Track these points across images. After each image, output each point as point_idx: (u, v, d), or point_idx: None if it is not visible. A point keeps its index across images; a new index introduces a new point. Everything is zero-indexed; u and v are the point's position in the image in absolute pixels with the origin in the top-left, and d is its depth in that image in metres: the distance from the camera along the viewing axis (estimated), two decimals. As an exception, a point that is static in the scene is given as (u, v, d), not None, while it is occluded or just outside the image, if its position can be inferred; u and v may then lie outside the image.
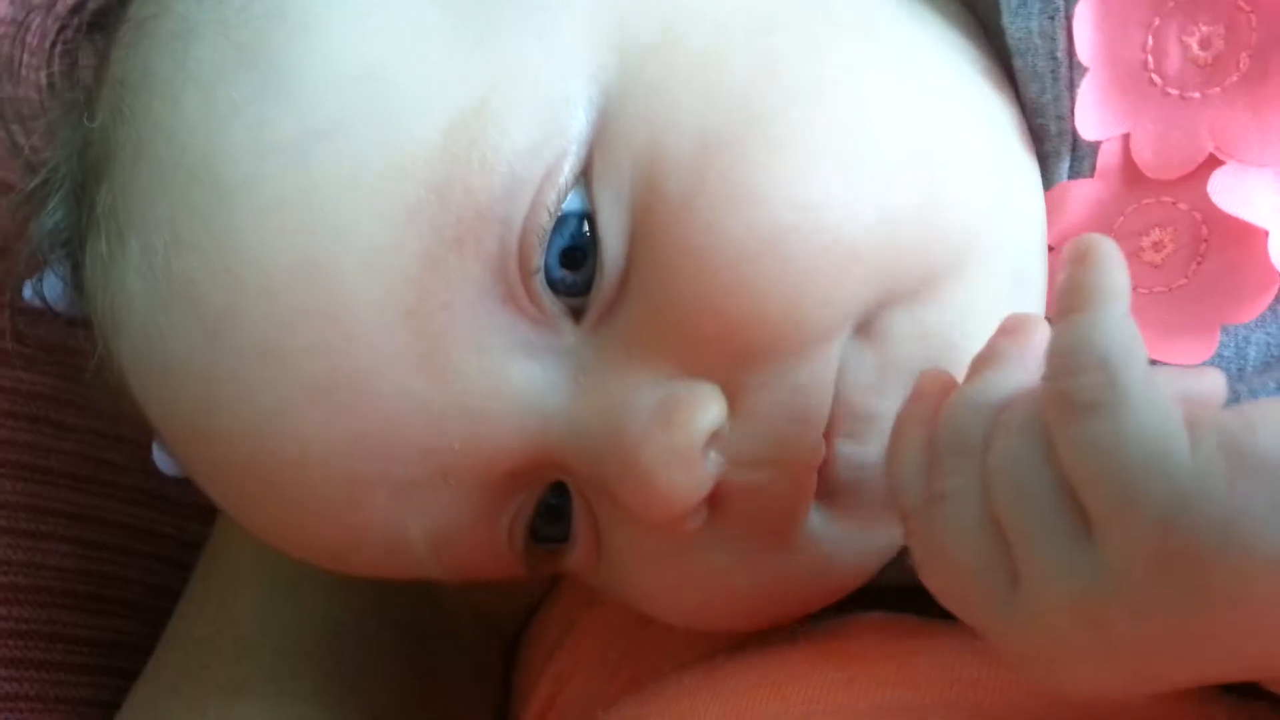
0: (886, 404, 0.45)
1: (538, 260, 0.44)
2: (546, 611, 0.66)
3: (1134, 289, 0.47)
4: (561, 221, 0.44)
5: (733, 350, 0.44)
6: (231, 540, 0.65)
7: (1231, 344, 0.48)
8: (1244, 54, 0.47)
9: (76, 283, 0.53)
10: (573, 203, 0.44)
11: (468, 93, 0.43)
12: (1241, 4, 0.47)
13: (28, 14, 0.58)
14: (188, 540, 0.69)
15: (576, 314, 0.45)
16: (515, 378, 0.45)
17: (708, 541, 0.47)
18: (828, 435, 0.46)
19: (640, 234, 0.44)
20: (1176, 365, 0.47)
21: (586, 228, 0.44)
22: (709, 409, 0.44)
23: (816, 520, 0.47)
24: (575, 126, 0.44)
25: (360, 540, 0.48)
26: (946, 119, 0.47)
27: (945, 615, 0.42)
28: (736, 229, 0.43)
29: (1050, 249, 0.49)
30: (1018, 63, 0.49)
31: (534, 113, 0.43)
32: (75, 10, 0.56)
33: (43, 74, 0.57)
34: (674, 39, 0.45)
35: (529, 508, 0.49)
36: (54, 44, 0.57)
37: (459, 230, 0.43)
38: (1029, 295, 0.49)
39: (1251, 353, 0.48)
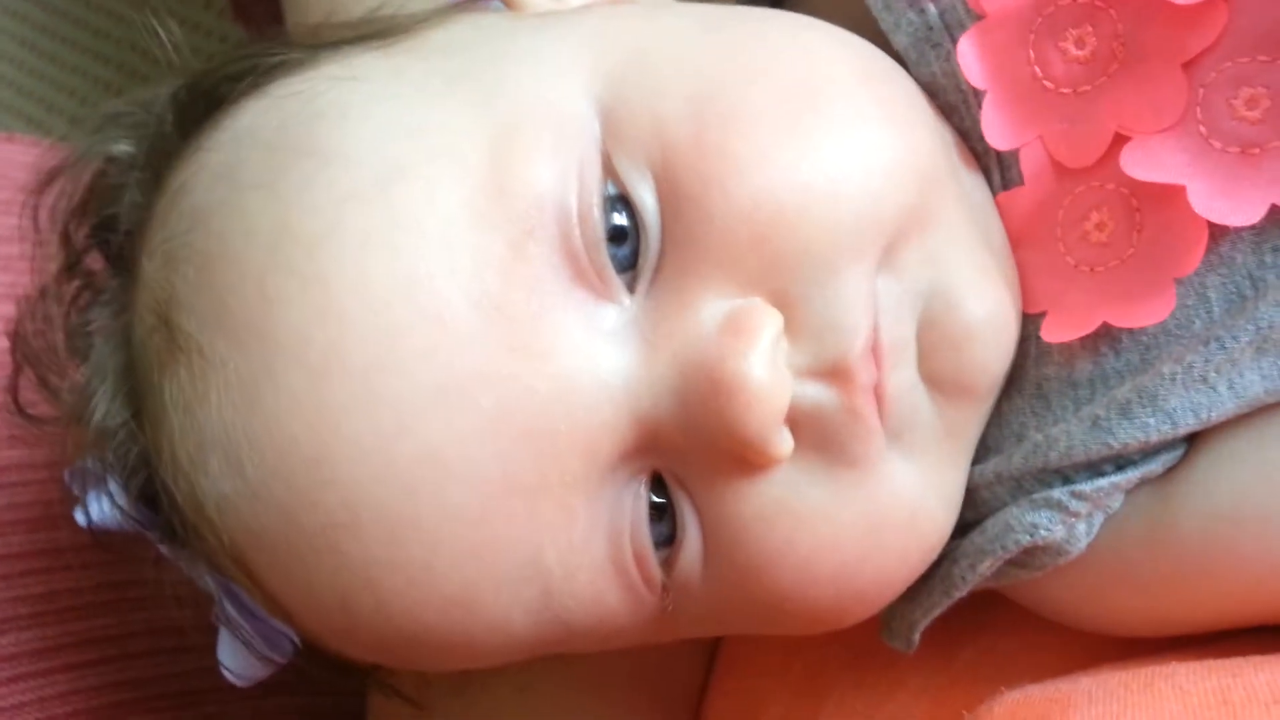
0: (909, 331, 0.50)
1: (599, 230, 0.49)
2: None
3: (1091, 268, 0.52)
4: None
5: (770, 257, 0.49)
6: None
7: (1191, 294, 0.50)
8: (1116, 43, 0.51)
9: (135, 466, 0.55)
10: (607, 188, 0.50)
11: (499, 119, 0.50)
12: (1098, 3, 0.51)
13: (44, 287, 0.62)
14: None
15: (630, 288, 0.50)
16: (599, 351, 0.49)
17: (799, 478, 0.50)
18: (876, 365, 0.49)
19: (667, 194, 0.49)
20: (1148, 326, 0.51)
21: (622, 211, 0.50)
22: (767, 314, 0.48)
23: (892, 457, 0.50)
24: (590, 129, 0.50)
25: (495, 574, 0.49)
26: (897, 84, 0.53)
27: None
28: (743, 147, 0.49)
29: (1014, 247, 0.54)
30: (934, 102, 0.54)
31: (554, 123, 0.50)
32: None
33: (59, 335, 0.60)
34: (647, 50, 0.52)
35: (641, 509, 0.51)
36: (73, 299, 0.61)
37: (527, 220, 0.48)
38: (991, 230, 0.53)
39: (1213, 296, 0.50)
